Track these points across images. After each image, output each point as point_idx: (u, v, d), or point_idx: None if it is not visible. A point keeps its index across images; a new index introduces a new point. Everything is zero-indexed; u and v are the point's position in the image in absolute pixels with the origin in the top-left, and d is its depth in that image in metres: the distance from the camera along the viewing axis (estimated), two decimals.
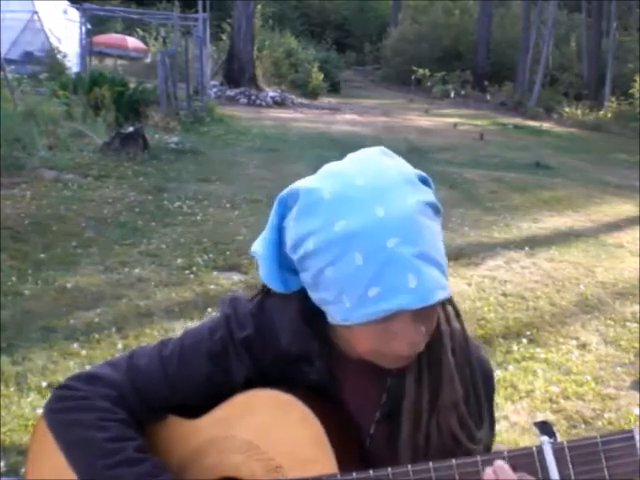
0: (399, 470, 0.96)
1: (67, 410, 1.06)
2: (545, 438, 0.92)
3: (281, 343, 1.05)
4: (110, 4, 21.05)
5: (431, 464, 0.94)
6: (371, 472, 0.97)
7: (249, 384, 1.07)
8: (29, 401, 3.21)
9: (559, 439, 0.93)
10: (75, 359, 3.67)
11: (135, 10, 20.78)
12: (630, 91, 19.88)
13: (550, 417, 3.47)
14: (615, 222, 7.86)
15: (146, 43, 23.43)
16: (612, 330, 4.62)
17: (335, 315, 0.97)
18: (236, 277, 5.12)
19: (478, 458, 0.93)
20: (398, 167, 0.99)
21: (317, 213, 0.94)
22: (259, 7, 22.06)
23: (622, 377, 3.95)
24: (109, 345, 3.87)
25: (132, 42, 23.82)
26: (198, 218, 6.64)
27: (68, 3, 17.88)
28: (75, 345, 3.83)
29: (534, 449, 0.92)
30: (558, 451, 0.91)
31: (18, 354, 3.66)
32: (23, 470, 1.18)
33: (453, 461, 0.93)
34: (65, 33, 16.43)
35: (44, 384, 3.34)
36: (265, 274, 1.03)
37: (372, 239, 0.90)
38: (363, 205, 0.92)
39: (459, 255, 5.93)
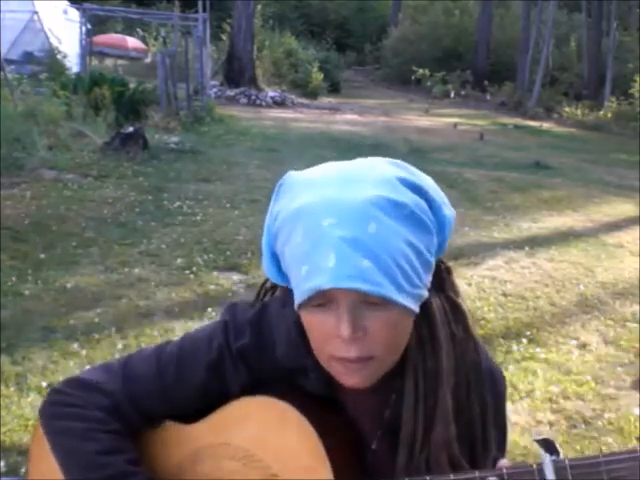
0: None
1: (60, 417, 1.05)
2: (547, 455, 0.89)
3: (277, 354, 1.04)
4: (110, 4, 21.01)
5: (428, 478, 0.92)
6: None
7: (245, 394, 1.06)
8: (29, 401, 3.21)
9: (562, 455, 0.90)
10: (75, 359, 3.67)
11: (135, 10, 20.77)
12: (630, 91, 19.83)
13: (550, 417, 3.48)
14: (615, 222, 7.86)
15: (146, 43, 23.41)
16: (612, 330, 4.62)
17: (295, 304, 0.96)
18: (236, 277, 5.12)
19: (477, 474, 0.90)
20: (387, 170, 0.95)
21: (287, 194, 0.95)
22: (259, 7, 22.02)
23: (622, 377, 3.95)
24: (109, 345, 3.88)
25: (132, 42, 23.81)
26: (198, 218, 6.63)
27: (68, 3, 17.85)
28: (75, 345, 3.83)
29: (534, 467, 0.89)
30: (559, 470, 0.87)
31: (18, 354, 3.66)
32: (23, 470, 1.18)
33: (451, 476, 0.91)
34: (65, 33, 16.37)
35: (44, 384, 3.34)
36: (263, 262, 1.02)
37: (312, 216, 0.89)
38: (321, 187, 0.92)
39: (459, 255, 5.92)
